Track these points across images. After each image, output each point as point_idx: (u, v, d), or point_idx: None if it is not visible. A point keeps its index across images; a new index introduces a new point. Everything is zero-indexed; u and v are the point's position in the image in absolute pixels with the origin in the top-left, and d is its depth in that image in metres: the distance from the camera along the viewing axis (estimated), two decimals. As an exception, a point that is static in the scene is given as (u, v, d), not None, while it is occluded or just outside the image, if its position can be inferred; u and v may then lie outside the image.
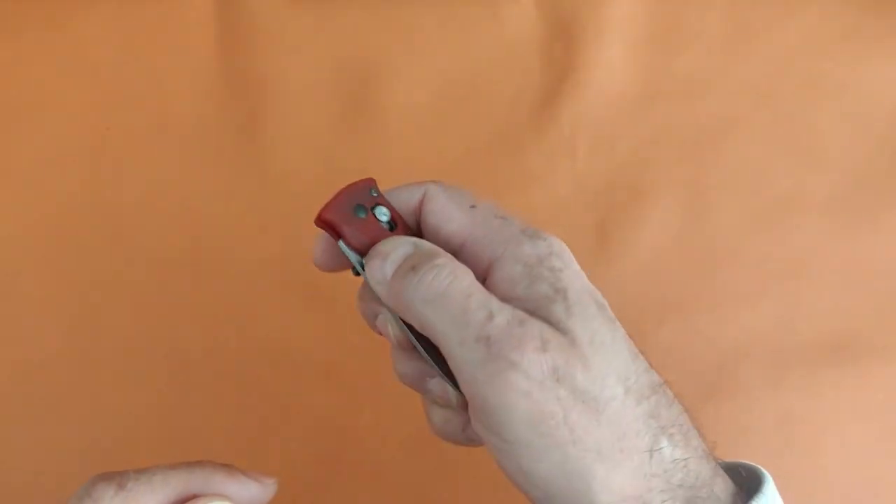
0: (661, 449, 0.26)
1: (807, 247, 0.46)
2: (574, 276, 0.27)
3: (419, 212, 0.29)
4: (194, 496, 0.25)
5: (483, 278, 0.27)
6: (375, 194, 0.30)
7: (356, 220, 0.29)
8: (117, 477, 0.24)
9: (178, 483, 0.25)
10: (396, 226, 0.30)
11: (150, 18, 0.49)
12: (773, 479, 0.28)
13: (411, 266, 0.27)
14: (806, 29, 0.49)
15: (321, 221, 0.29)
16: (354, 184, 0.30)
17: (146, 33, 0.49)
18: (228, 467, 0.27)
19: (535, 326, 0.25)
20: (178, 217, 0.47)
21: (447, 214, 0.29)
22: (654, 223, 0.46)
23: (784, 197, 0.47)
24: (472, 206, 0.29)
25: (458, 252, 0.28)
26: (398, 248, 0.28)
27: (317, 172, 0.47)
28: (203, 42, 0.49)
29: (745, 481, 0.28)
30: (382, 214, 0.30)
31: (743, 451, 0.43)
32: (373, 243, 0.29)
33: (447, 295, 0.26)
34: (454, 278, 0.26)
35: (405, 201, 0.30)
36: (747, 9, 0.49)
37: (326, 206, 0.29)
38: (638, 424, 0.26)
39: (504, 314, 0.25)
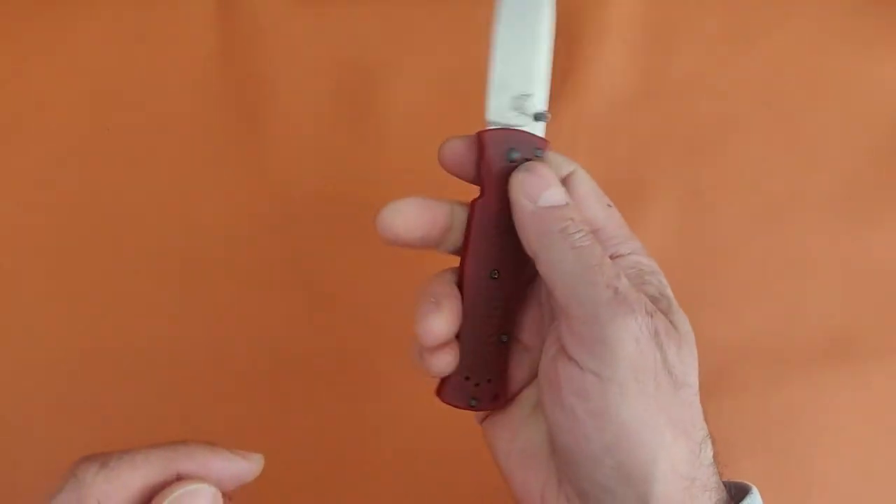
0: (705, 448, 0.28)
1: (807, 246, 0.46)
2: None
3: (565, 184, 0.31)
4: (178, 477, 0.25)
5: None
6: (539, 154, 0.31)
7: (503, 160, 0.31)
8: (101, 456, 0.25)
9: (160, 461, 0.26)
10: None
11: (150, 18, 0.49)
12: (772, 479, 0.28)
13: (567, 216, 0.29)
14: (806, 29, 0.49)
15: (478, 139, 0.31)
16: (529, 134, 0.31)
17: (146, 33, 0.49)
18: (212, 445, 0.27)
19: (645, 298, 0.28)
20: (177, 216, 0.47)
21: (588, 201, 0.31)
22: (654, 223, 0.46)
23: (784, 197, 0.47)
24: (609, 206, 0.32)
25: None
26: (560, 193, 0.30)
27: (317, 172, 0.47)
28: (203, 42, 0.49)
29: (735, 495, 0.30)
30: None
31: (743, 451, 0.43)
32: (496, 184, 0.30)
33: (588, 248, 0.28)
34: (593, 242, 0.29)
35: (555, 167, 0.31)
36: (747, 9, 0.49)
37: (493, 131, 0.31)
38: (698, 418, 0.28)
39: (626, 279, 0.28)
